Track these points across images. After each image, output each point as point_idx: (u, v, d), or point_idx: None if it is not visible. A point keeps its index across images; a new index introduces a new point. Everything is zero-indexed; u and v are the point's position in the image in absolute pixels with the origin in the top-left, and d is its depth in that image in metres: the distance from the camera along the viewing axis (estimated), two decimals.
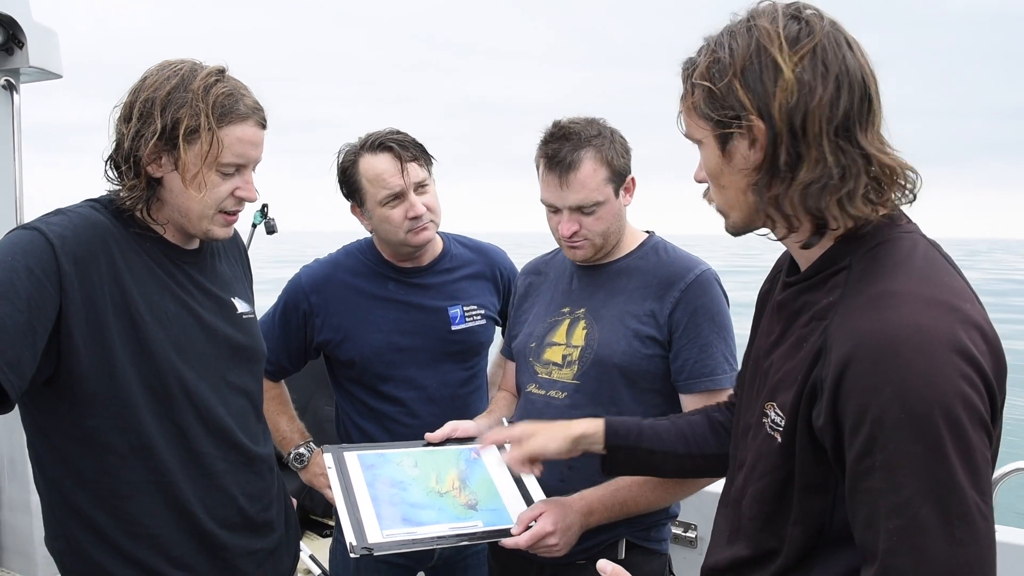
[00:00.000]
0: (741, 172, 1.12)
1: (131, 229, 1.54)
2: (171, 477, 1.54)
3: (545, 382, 1.95)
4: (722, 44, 1.10)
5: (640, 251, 1.97)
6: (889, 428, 0.95)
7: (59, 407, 1.47)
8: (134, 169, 1.49)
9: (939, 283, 1.03)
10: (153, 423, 1.51)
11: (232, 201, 1.57)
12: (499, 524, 1.71)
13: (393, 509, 1.68)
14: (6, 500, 3.28)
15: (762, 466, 1.17)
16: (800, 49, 1.05)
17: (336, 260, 2.30)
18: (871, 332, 0.98)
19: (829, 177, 1.04)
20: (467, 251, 2.37)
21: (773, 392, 1.16)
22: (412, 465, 1.82)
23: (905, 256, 1.06)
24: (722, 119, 1.09)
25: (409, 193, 2.10)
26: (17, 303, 1.31)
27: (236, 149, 1.52)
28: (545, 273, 2.13)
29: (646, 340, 1.86)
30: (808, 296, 1.15)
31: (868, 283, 1.05)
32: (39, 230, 1.40)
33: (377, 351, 2.20)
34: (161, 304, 1.54)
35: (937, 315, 0.98)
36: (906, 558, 0.95)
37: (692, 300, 1.85)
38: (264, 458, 1.73)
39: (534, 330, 2.02)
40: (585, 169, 1.81)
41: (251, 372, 1.74)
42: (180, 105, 1.46)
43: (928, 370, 0.95)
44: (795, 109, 1.04)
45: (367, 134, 2.16)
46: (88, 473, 1.50)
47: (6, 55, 3.10)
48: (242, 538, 1.66)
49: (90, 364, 1.43)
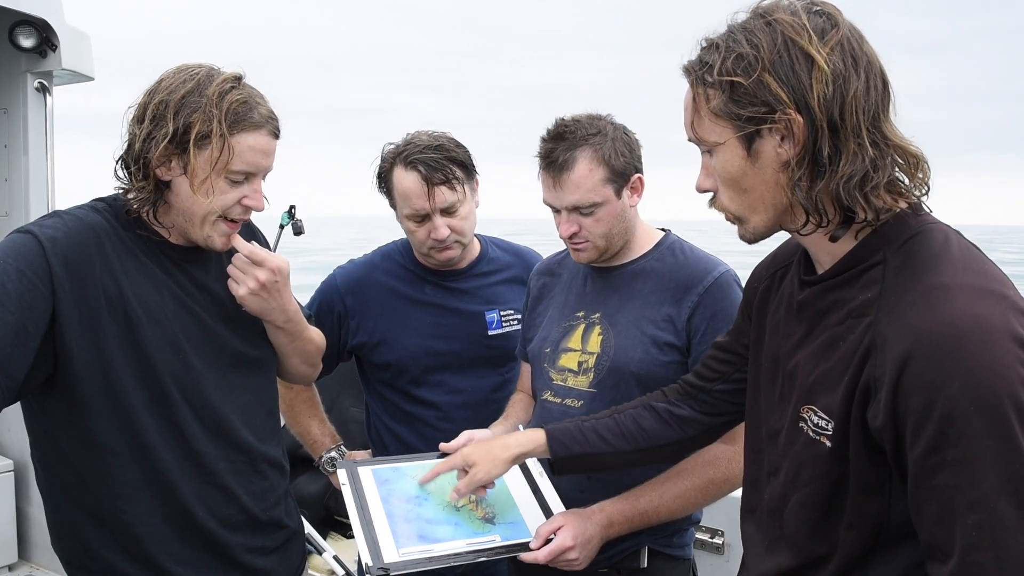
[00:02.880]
0: (772, 170, 1.09)
1: (134, 231, 1.53)
2: (170, 477, 1.53)
3: (561, 389, 1.89)
4: (738, 41, 1.06)
5: (656, 252, 1.90)
6: (959, 422, 0.93)
7: (59, 407, 1.47)
8: (143, 171, 1.48)
9: (982, 272, 1.02)
10: (150, 423, 1.50)
11: (238, 209, 1.55)
12: (517, 538, 1.68)
13: (408, 526, 1.66)
14: (35, 497, 3.32)
15: (808, 473, 1.14)
16: (829, 41, 1.04)
17: (372, 262, 2.29)
18: (929, 327, 0.96)
19: (865, 168, 1.04)
20: (504, 254, 2.35)
21: (810, 395, 1.13)
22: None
23: (941, 247, 1.05)
24: (753, 115, 1.06)
25: (434, 216, 2.07)
26: (7, 304, 1.31)
27: (247, 157, 1.50)
28: (558, 274, 2.06)
29: (664, 346, 1.80)
30: (837, 294, 1.12)
31: (913, 277, 1.03)
32: (32, 233, 1.41)
33: (413, 355, 2.18)
34: (159, 303, 1.52)
35: (990, 304, 0.97)
36: (988, 553, 0.93)
37: (711, 304, 1.79)
38: (269, 456, 1.70)
39: (549, 334, 1.97)
40: (579, 170, 1.75)
41: (257, 370, 1.71)
42: (193, 109, 1.45)
43: (992, 360, 0.93)
44: (833, 100, 1.02)
45: (409, 139, 2.12)
46: (89, 472, 1.50)
47: (39, 58, 3.15)
48: (246, 536, 1.65)
49: (84, 365, 1.43)
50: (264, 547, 1.69)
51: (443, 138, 2.11)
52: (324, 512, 3.81)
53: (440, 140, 2.10)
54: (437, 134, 2.13)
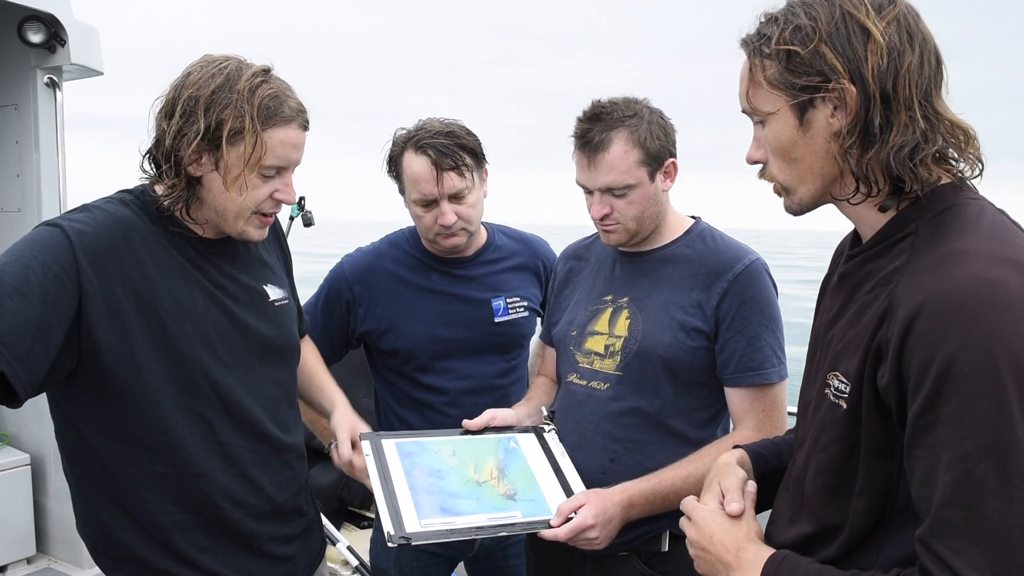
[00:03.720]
0: (824, 139, 1.11)
1: (164, 225, 1.52)
2: (197, 469, 1.54)
3: (587, 372, 1.90)
4: (796, 14, 1.09)
5: (686, 238, 1.91)
6: (953, 382, 0.93)
7: (85, 400, 1.47)
8: (175, 168, 1.47)
9: (1009, 242, 1.02)
10: (179, 417, 1.51)
11: (270, 203, 1.55)
12: (538, 515, 1.69)
13: (431, 498, 1.67)
14: (52, 490, 3.35)
15: (827, 436, 1.15)
16: (886, 15, 1.06)
17: (379, 250, 2.30)
18: (938, 289, 0.97)
19: (916, 140, 1.05)
20: (511, 242, 2.36)
21: (835, 361, 1.14)
22: (450, 454, 1.81)
23: (971, 220, 1.05)
24: (808, 84, 1.08)
25: (442, 202, 2.08)
26: (31, 298, 1.30)
27: (279, 152, 1.50)
28: (586, 259, 2.07)
29: (692, 332, 1.80)
30: (872, 264, 1.14)
31: (935, 245, 1.04)
32: (60, 226, 1.40)
33: (420, 342, 2.19)
34: (189, 297, 1.52)
35: (1008, 271, 0.96)
36: (959, 512, 0.93)
37: (741, 291, 1.79)
38: (293, 446, 1.72)
39: (575, 318, 1.97)
40: (615, 151, 1.76)
41: (283, 361, 1.72)
42: (225, 105, 1.44)
43: (997, 325, 0.93)
44: (887, 72, 1.05)
45: (421, 124, 2.13)
46: (115, 464, 1.51)
47: (48, 53, 3.16)
48: (271, 525, 1.66)
49: (113, 359, 1.43)
50: (287, 535, 1.71)
51: (454, 125, 2.12)
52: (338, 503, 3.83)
53: (451, 127, 2.11)
54: (449, 121, 2.14)
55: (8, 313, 1.27)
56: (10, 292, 1.29)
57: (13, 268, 1.31)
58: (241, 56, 1.53)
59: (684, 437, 1.83)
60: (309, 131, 1.58)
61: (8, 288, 1.29)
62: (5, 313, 1.27)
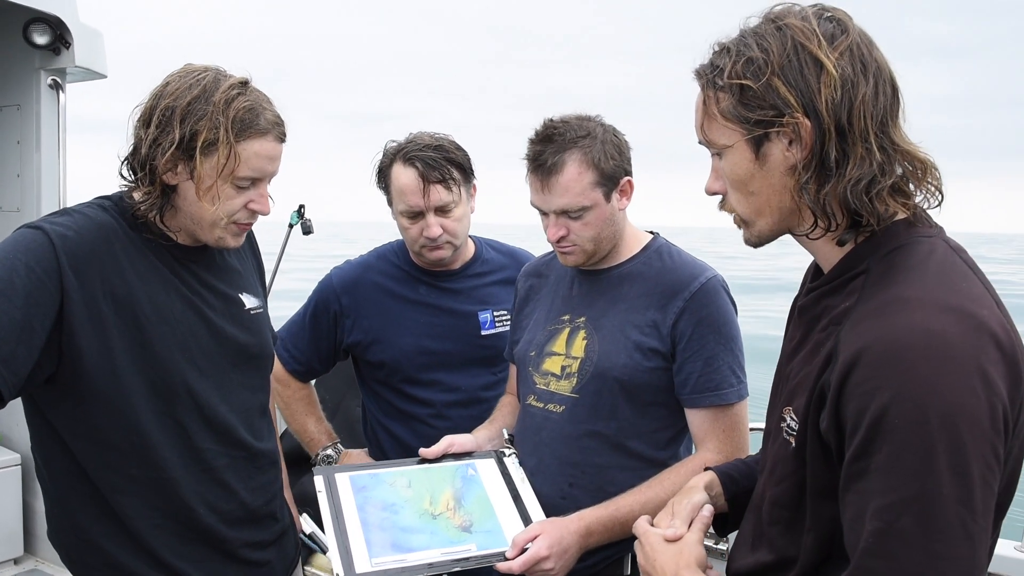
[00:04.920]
0: (780, 173, 1.09)
1: (141, 233, 1.53)
2: (172, 473, 1.54)
3: (544, 394, 1.85)
4: (748, 45, 1.07)
5: (643, 255, 1.86)
6: (884, 431, 0.93)
7: (63, 404, 1.47)
8: (149, 176, 1.48)
9: (953, 288, 1.00)
10: (154, 421, 1.51)
11: (245, 214, 1.55)
12: (494, 547, 1.65)
13: (383, 535, 1.63)
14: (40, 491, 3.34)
15: (779, 471, 1.15)
16: (838, 46, 1.04)
17: (367, 262, 2.30)
18: (877, 337, 0.96)
19: (872, 172, 1.03)
20: (499, 255, 2.36)
21: (791, 396, 1.14)
22: (406, 485, 1.77)
23: (920, 261, 1.04)
24: (761, 119, 1.06)
25: (428, 215, 2.08)
26: (14, 300, 1.31)
27: (253, 163, 1.50)
28: (545, 276, 2.03)
29: (648, 352, 1.75)
30: (828, 300, 1.12)
31: (881, 288, 1.03)
32: (42, 229, 1.40)
33: (407, 354, 2.19)
34: (168, 304, 1.53)
35: (948, 321, 0.95)
36: (880, 562, 0.94)
37: (697, 310, 1.74)
38: (266, 453, 1.72)
39: (534, 337, 1.92)
40: (568, 173, 1.70)
41: (257, 369, 1.72)
42: (200, 117, 1.44)
43: (931, 378, 0.92)
44: (841, 105, 1.02)
45: (411, 137, 2.14)
46: (91, 469, 1.50)
47: (53, 55, 3.18)
48: (244, 531, 1.66)
49: (92, 362, 1.43)
50: (262, 541, 1.70)
51: (444, 140, 2.13)
52: None
53: (441, 141, 2.12)
54: (439, 135, 2.15)
55: None
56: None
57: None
58: (221, 67, 1.53)
59: (645, 458, 1.79)
60: (286, 142, 1.58)
61: None
62: None
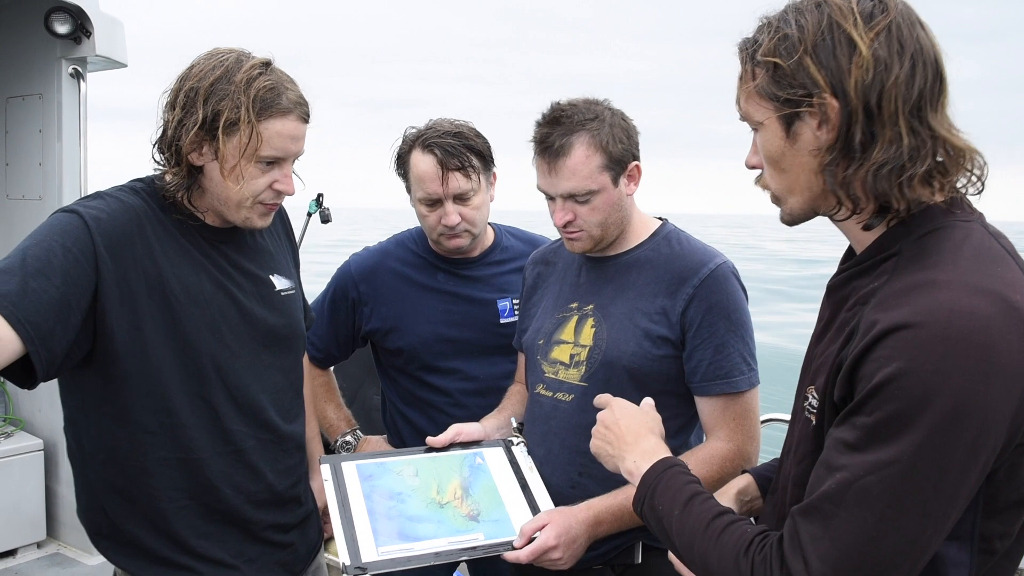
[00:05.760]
0: (809, 153, 1.07)
1: (171, 215, 1.56)
2: (200, 454, 1.56)
3: (552, 383, 1.84)
4: (788, 21, 1.05)
5: (651, 242, 1.83)
6: (882, 397, 0.94)
7: (95, 384, 1.50)
8: (176, 157, 1.51)
9: (986, 272, 0.98)
10: (184, 402, 1.54)
11: (270, 193, 1.57)
12: (501, 536, 1.64)
13: (390, 523, 1.62)
14: (63, 476, 3.39)
15: (801, 450, 1.15)
16: (875, 26, 1.01)
17: (385, 249, 2.30)
18: (901, 315, 0.95)
19: (901, 158, 1.01)
20: (519, 243, 2.35)
21: (814, 375, 1.14)
22: (413, 474, 1.76)
23: (955, 245, 1.02)
24: (791, 98, 1.05)
25: (446, 202, 2.08)
26: (53, 279, 1.34)
27: (275, 143, 1.52)
28: (553, 263, 2.00)
29: (657, 340, 1.74)
30: (858, 281, 1.11)
31: (912, 271, 1.01)
32: (77, 212, 1.44)
33: (425, 342, 2.19)
34: (198, 285, 1.55)
35: (977, 303, 0.93)
36: (833, 508, 0.97)
37: (707, 296, 1.72)
38: (294, 435, 1.74)
39: (542, 326, 1.91)
40: (576, 156, 1.69)
41: (288, 350, 1.74)
42: (222, 97, 1.47)
43: (944, 359, 0.91)
44: (871, 87, 1.00)
45: (431, 123, 2.13)
46: (121, 450, 1.53)
47: (74, 44, 3.20)
48: (269, 513, 1.68)
49: (124, 343, 1.46)
50: (286, 524, 1.73)
51: (464, 127, 2.12)
52: None
53: (461, 128, 2.11)
54: (459, 122, 2.13)
55: (32, 292, 1.31)
56: (33, 273, 1.32)
57: (35, 251, 1.36)
58: (245, 49, 1.55)
59: None
60: (310, 123, 1.59)
61: (31, 269, 1.33)
62: (29, 292, 1.30)
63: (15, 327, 1.27)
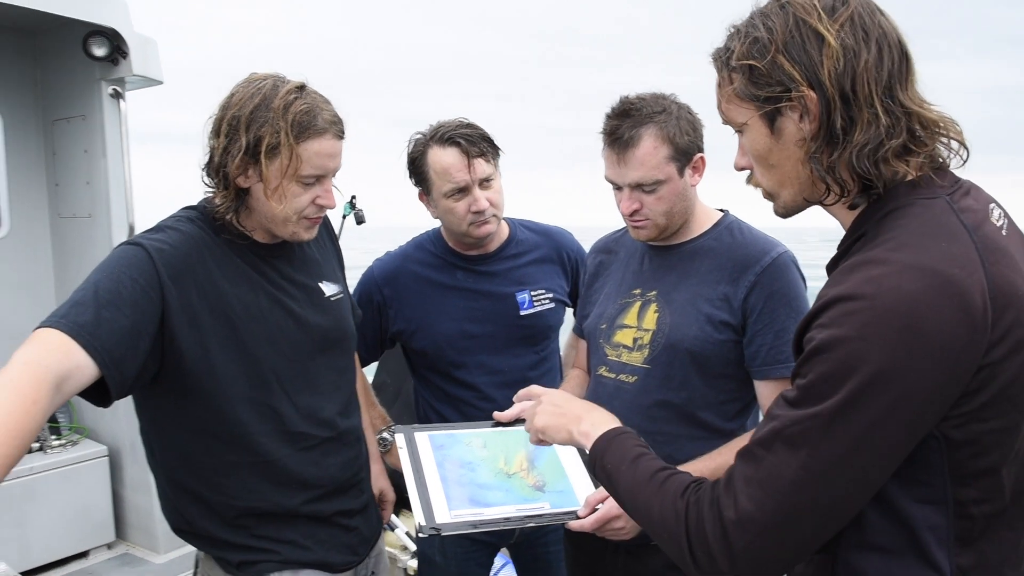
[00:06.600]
0: (795, 145, 1.13)
1: (223, 236, 1.66)
2: (268, 456, 1.68)
3: (615, 365, 1.92)
4: (756, 25, 1.11)
5: (714, 231, 1.92)
6: (816, 359, 1.01)
7: (167, 401, 1.62)
8: (224, 181, 1.62)
9: (926, 248, 1.01)
10: (251, 410, 1.65)
11: (313, 208, 1.67)
12: (566, 506, 1.71)
13: (461, 490, 1.71)
14: (128, 480, 3.54)
15: None
16: (839, 18, 1.07)
17: (406, 252, 2.37)
18: (841, 289, 1.01)
19: (880, 136, 1.06)
20: (533, 235, 2.39)
21: None
22: (481, 446, 1.84)
23: (906, 223, 1.06)
24: (770, 95, 1.10)
25: (474, 188, 2.15)
26: (123, 308, 1.44)
27: (315, 162, 1.62)
28: (615, 252, 2.09)
29: (719, 325, 1.81)
30: (840, 262, 1.15)
31: (864, 251, 1.06)
32: (141, 245, 1.55)
33: (449, 339, 2.25)
34: (255, 302, 1.67)
35: (906, 278, 0.98)
36: (765, 453, 1.05)
37: (768, 284, 1.79)
38: (352, 429, 1.86)
39: (605, 311, 1.99)
40: (644, 146, 1.77)
41: (341, 352, 1.86)
42: (262, 123, 1.57)
43: (867, 327, 0.97)
44: (844, 74, 1.06)
45: (437, 124, 2.20)
46: (194, 456, 1.66)
47: (112, 66, 3.31)
48: (335, 502, 1.79)
49: (192, 362, 1.57)
50: (351, 510, 1.84)
51: (469, 120, 2.19)
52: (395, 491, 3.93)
53: (468, 121, 2.18)
54: (463, 118, 2.20)
55: (105, 322, 1.41)
56: (105, 304, 1.43)
57: (106, 284, 1.46)
58: (280, 74, 1.65)
59: (714, 429, 1.84)
60: (345, 139, 1.69)
61: (103, 300, 1.43)
62: (103, 322, 1.40)
63: (91, 355, 1.36)
